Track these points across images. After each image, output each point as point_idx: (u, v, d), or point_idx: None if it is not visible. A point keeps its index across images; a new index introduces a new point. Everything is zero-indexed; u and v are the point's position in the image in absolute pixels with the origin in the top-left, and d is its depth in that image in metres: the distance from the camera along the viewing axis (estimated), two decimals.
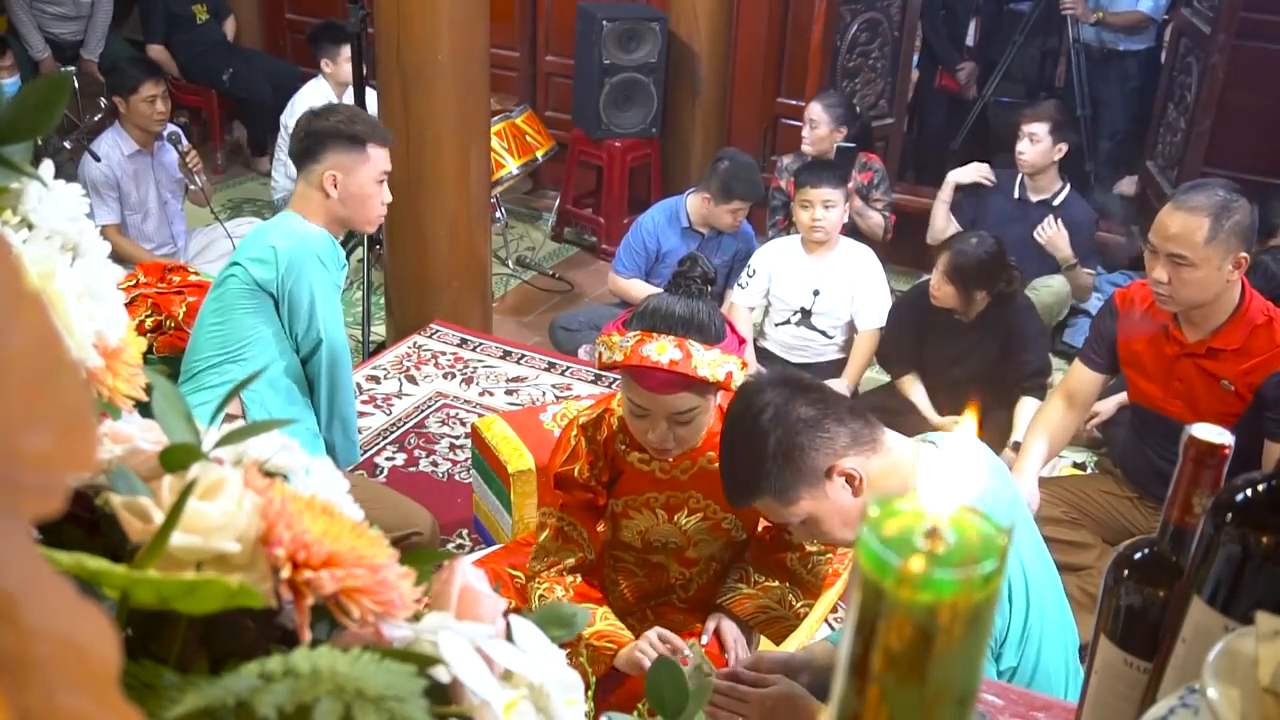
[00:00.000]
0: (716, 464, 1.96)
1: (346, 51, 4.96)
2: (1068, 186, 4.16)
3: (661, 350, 1.83)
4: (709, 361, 1.84)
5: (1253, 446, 2.49)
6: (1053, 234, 4.10)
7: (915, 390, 3.66)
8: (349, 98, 5.15)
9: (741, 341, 1.94)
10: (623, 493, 2.10)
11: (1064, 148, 4.08)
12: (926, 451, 1.70)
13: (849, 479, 1.64)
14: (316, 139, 2.57)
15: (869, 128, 4.74)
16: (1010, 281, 3.42)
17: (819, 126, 4.31)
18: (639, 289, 4.03)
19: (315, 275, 2.50)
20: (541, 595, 2.07)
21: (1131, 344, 2.73)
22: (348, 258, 4.56)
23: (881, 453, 1.67)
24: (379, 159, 2.59)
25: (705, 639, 2.12)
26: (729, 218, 4.02)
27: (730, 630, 2.13)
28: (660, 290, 2.07)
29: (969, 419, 0.49)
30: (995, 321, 3.46)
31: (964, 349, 3.51)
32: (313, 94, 5.08)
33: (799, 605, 2.15)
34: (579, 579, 2.10)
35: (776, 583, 2.13)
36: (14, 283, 0.29)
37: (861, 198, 4.33)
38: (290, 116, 5.07)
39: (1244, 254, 2.46)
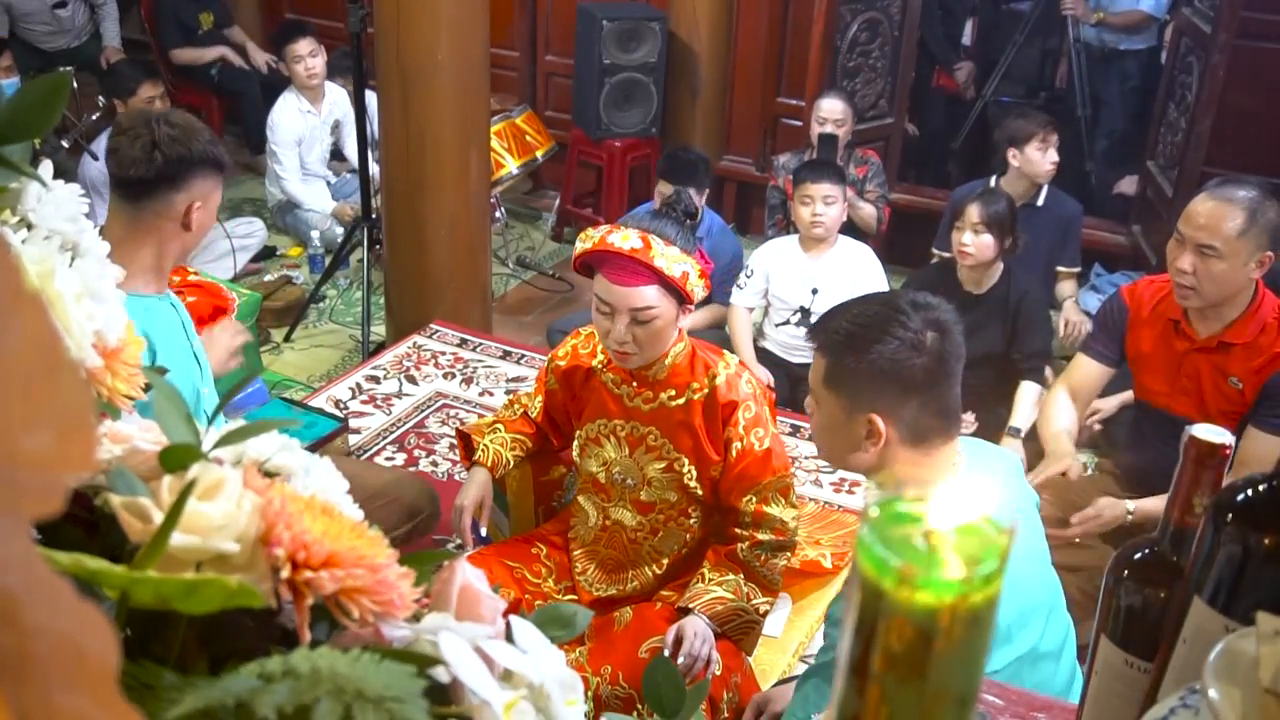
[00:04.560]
0: (675, 403, 2.19)
1: (297, 48, 4.97)
2: (1045, 184, 4.12)
3: (625, 239, 2.02)
4: (667, 255, 2.01)
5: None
6: (1076, 321, 4.03)
7: None
8: (330, 102, 5.17)
9: (707, 264, 2.10)
10: (594, 415, 2.28)
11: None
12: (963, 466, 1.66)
13: (872, 430, 1.61)
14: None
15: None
16: (1016, 241, 3.45)
17: (845, 123, 4.34)
18: None
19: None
20: (491, 426, 2.44)
21: (1140, 339, 2.74)
22: (347, 258, 4.61)
23: (919, 456, 1.62)
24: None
25: (671, 635, 2.11)
26: None
27: (692, 625, 2.11)
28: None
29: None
30: (1002, 296, 3.46)
31: (970, 325, 3.51)
32: (285, 108, 5.10)
33: (758, 601, 2.20)
34: (515, 414, 2.47)
35: (731, 575, 2.19)
36: (13, 282, 0.29)
37: (856, 191, 4.34)
38: (273, 132, 5.08)
39: (1269, 253, 2.47)
